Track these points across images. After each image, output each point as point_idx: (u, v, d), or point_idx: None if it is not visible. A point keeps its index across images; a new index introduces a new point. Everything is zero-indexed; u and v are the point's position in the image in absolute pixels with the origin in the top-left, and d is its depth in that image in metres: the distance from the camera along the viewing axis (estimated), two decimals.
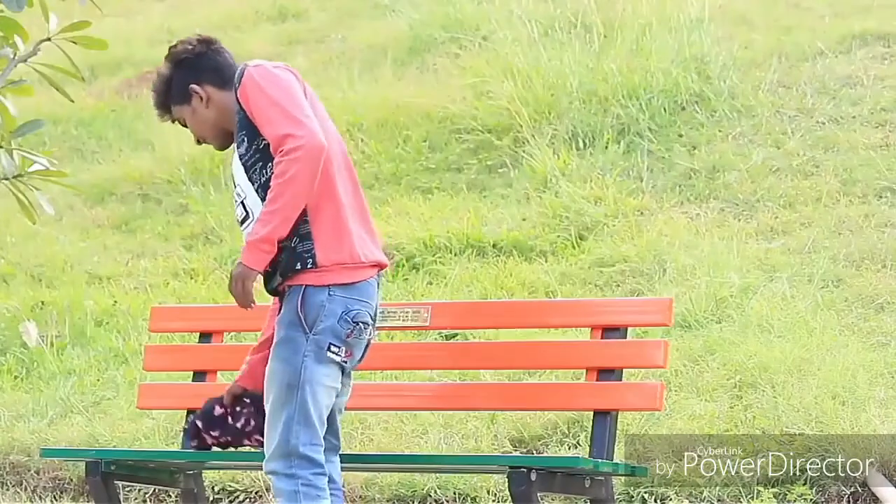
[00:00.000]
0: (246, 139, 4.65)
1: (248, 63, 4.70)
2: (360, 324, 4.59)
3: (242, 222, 4.71)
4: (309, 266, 4.55)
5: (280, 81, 4.61)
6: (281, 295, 4.66)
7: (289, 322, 4.56)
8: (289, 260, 4.57)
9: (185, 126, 4.90)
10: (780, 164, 8.96)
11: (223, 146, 4.86)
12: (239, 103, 4.65)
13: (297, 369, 4.52)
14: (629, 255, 8.17)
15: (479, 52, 10.67)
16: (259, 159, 4.62)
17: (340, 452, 4.81)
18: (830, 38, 10.27)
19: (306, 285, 4.55)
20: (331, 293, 4.55)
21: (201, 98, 4.80)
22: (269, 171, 4.57)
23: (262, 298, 8.42)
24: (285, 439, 4.51)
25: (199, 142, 4.91)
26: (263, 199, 4.56)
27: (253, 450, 4.98)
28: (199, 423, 4.96)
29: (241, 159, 4.67)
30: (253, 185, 4.63)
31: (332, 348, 4.55)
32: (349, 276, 4.59)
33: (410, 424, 6.90)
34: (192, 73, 4.82)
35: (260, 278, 4.68)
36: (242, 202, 4.69)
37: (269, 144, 4.57)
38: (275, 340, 4.60)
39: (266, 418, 4.58)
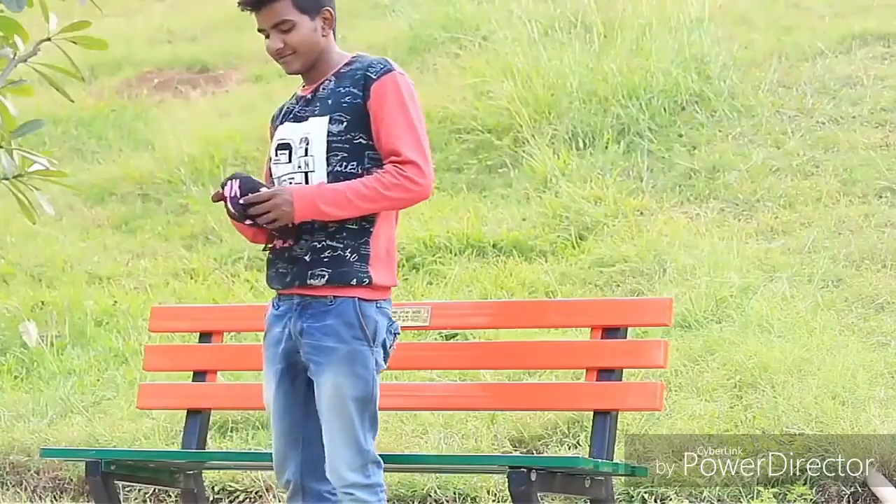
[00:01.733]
0: (346, 123, 4.52)
1: (389, 60, 4.59)
2: (396, 335, 4.64)
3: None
4: (365, 283, 4.51)
5: (418, 106, 4.58)
6: (303, 299, 4.56)
7: (352, 336, 4.50)
8: (344, 274, 4.50)
9: (273, 26, 4.60)
10: (780, 164, 8.96)
11: (298, 72, 4.67)
12: (365, 93, 4.52)
13: (370, 383, 4.52)
14: (629, 255, 8.17)
15: (479, 52, 10.67)
16: (346, 151, 4.52)
17: None
18: (830, 38, 10.27)
19: (359, 298, 4.51)
20: (378, 306, 4.55)
21: (324, 26, 4.65)
22: (349, 168, 4.49)
23: (261, 298, 8.42)
24: (363, 450, 4.50)
25: (276, 54, 4.65)
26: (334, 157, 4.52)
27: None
28: (226, 180, 4.55)
29: (328, 135, 4.52)
30: (328, 167, 4.52)
31: (380, 360, 4.58)
32: (387, 293, 4.60)
33: (410, 424, 6.90)
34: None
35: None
36: (307, 174, 4.55)
37: (365, 146, 4.51)
38: (333, 354, 4.49)
39: (330, 431, 4.51)
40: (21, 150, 4.62)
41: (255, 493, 6.87)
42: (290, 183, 4.56)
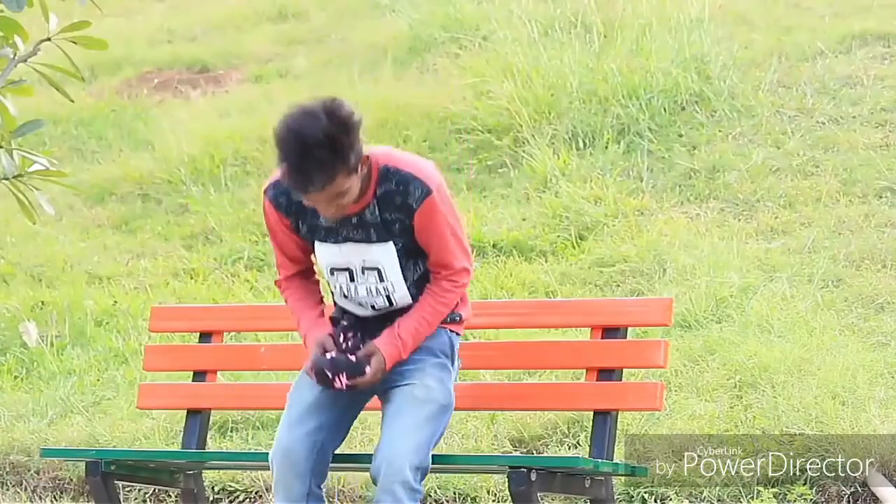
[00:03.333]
0: (402, 243, 4.71)
1: (422, 179, 4.65)
2: (457, 370, 4.94)
3: (378, 308, 4.81)
4: (457, 321, 4.90)
5: (454, 207, 4.76)
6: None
7: (441, 351, 4.82)
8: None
9: (330, 199, 4.55)
10: (780, 164, 8.96)
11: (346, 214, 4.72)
12: (410, 218, 4.65)
13: (451, 393, 4.79)
14: (629, 255, 8.17)
15: (479, 52, 10.67)
16: (408, 258, 4.74)
17: (341, 452, 4.89)
18: (830, 38, 10.27)
19: (452, 330, 4.89)
20: (458, 338, 4.93)
21: (363, 166, 4.59)
22: (419, 271, 4.76)
23: (261, 298, 8.42)
24: (423, 454, 4.65)
25: (332, 215, 4.64)
26: (413, 295, 4.76)
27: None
28: (328, 372, 4.72)
29: (397, 255, 4.71)
30: (406, 281, 4.75)
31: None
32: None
33: None
34: (360, 138, 4.54)
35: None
36: (389, 296, 4.76)
37: (418, 248, 4.71)
38: (425, 362, 4.78)
39: (401, 423, 4.66)
40: (21, 150, 4.62)
41: (255, 493, 6.87)
42: (372, 306, 4.79)
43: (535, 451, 6.69)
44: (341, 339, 4.80)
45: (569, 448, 6.58)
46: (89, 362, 8.18)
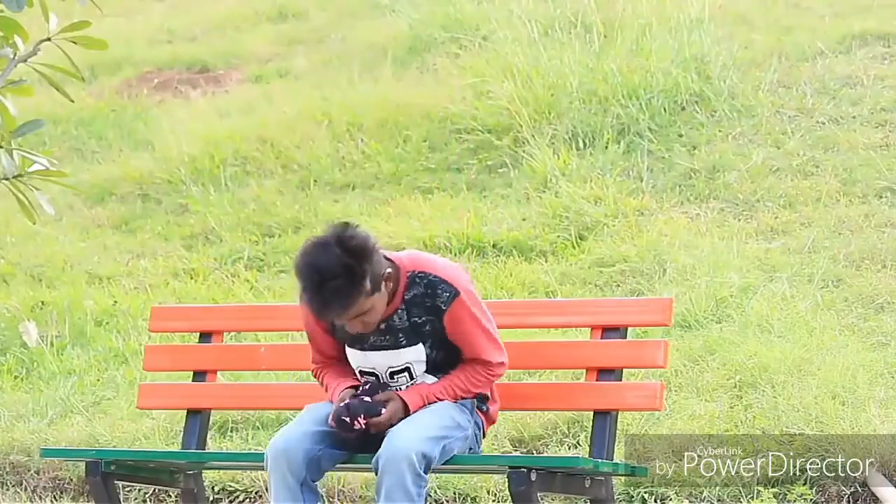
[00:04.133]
0: (430, 341, 4.86)
1: (449, 281, 4.79)
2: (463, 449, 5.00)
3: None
4: (483, 410, 5.03)
5: (483, 306, 4.88)
6: None
7: (461, 403, 4.93)
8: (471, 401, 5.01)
9: (352, 318, 4.72)
10: (780, 164, 8.96)
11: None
12: (440, 320, 4.79)
13: (469, 420, 4.91)
14: (629, 255, 8.17)
15: (479, 52, 10.67)
16: (436, 353, 4.89)
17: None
18: (830, 38, 10.28)
19: (478, 410, 5.02)
20: (482, 420, 5.04)
21: (387, 283, 4.75)
22: (448, 361, 4.90)
23: (261, 298, 8.42)
24: (430, 447, 4.70)
25: (363, 331, 4.80)
26: (437, 375, 4.92)
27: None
28: (346, 418, 4.81)
29: (426, 356, 4.87)
30: (428, 370, 4.91)
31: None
32: (488, 424, 5.09)
33: None
34: (378, 260, 4.70)
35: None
36: (413, 380, 4.90)
37: (447, 340, 4.84)
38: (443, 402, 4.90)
39: (415, 422, 4.76)
40: (21, 150, 4.62)
41: (255, 493, 6.87)
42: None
43: (535, 451, 6.69)
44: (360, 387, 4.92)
45: (569, 448, 6.58)
46: (89, 362, 8.18)
